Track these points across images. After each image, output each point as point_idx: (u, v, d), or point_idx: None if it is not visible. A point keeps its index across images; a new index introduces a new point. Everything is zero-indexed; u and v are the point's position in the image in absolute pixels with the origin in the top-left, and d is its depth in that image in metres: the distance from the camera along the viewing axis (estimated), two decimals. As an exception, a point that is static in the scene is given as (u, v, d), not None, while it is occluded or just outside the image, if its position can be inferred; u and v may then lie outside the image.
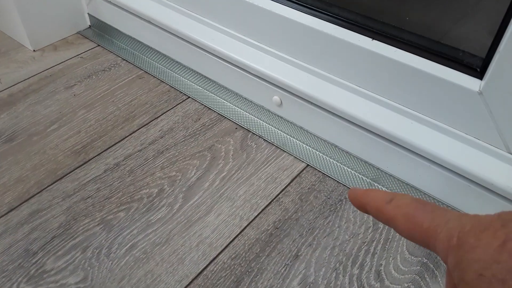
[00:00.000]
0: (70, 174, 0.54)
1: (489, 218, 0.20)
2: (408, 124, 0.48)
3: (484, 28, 0.42)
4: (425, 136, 0.46)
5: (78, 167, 0.55)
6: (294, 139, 0.59)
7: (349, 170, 0.55)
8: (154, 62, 0.71)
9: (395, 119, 0.48)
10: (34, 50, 0.75)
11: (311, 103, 0.54)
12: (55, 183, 0.53)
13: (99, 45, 0.76)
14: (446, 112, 0.45)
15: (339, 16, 0.50)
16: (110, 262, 0.45)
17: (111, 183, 0.53)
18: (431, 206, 0.22)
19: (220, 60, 0.61)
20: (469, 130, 0.44)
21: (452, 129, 0.45)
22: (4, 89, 0.67)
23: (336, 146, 0.55)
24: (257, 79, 0.58)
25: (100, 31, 0.79)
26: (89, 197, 0.51)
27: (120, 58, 0.73)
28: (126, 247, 0.46)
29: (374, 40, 0.47)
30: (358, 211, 0.50)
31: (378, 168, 0.53)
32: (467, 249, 0.19)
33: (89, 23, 0.80)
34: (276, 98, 0.58)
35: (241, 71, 0.60)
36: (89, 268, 0.45)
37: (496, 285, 0.17)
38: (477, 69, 0.42)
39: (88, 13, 0.79)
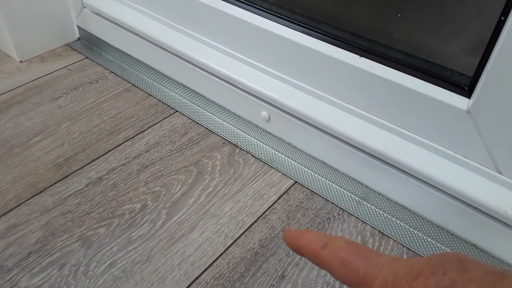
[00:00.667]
0: (51, 187, 0.52)
1: (420, 264, 0.20)
2: (396, 142, 0.47)
3: (472, 47, 0.42)
4: (414, 154, 0.46)
5: (59, 181, 0.53)
6: (282, 155, 0.58)
7: (337, 187, 0.54)
8: (142, 75, 0.71)
9: (384, 136, 0.48)
10: (20, 61, 0.74)
11: (299, 119, 0.53)
12: (35, 197, 0.51)
13: (87, 57, 0.75)
14: (434, 130, 0.44)
15: (327, 33, 0.50)
16: (88, 280, 0.43)
17: (92, 197, 0.51)
18: (365, 250, 0.23)
19: (208, 75, 0.61)
20: (458, 149, 0.44)
21: (441, 148, 0.45)
22: (-13, 100, 0.65)
23: (324, 163, 0.54)
24: (246, 94, 0.58)
25: (88, 43, 0.78)
26: (68, 212, 0.50)
27: (108, 71, 0.72)
28: (105, 265, 0.45)
29: (362, 58, 0.47)
30: (347, 230, 0.49)
31: (366, 186, 0.52)
32: None
33: (78, 35, 0.79)
34: (264, 113, 0.57)
35: (229, 85, 0.59)
36: (65, 286, 0.43)
37: None
38: (465, 87, 0.42)
39: (77, 25, 0.78)
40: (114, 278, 0.44)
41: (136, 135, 0.60)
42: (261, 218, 0.50)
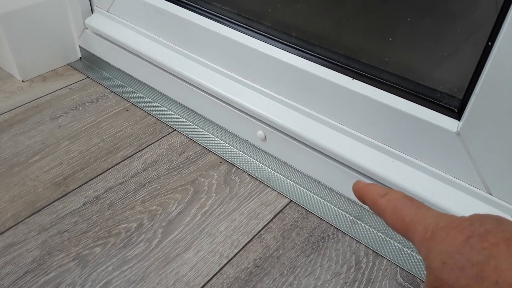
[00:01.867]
0: (49, 206, 0.53)
1: (461, 218, 0.22)
2: (389, 162, 0.48)
3: (461, 70, 0.43)
4: (406, 174, 0.46)
5: (57, 200, 0.54)
6: (278, 174, 0.58)
7: (332, 206, 0.54)
8: (141, 95, 0.72)
9: (376, 157, 0.48)
10: (23, 81, 0.75)
11: (295, 139, 0.54)
12: (32, 216, 0.52)
13: (88, 77, 0.77)
14: (426, 151, 0.45)
15: (321, 55, 0.51)
16: (83, 300, 0.44)
17: (89, 216, 0.52)
18: (417, 204, 0.25)
19: (206, 95, 0.62)
20: (449, 170, 0.44)
21: (432, 169, 0.45)
22: (-11, 119, 0.67)
23: (319, 182, 0.55)
24: (242, 114, 0.59)
25: (90, 63, 0.80)
26: (65, 231, 0.50)
27: (108, 90, 0.73)
28: (100, 285, 0.45)
29: (354, 80, 0.48)
30: (341, 249, 0.50)
31: (361, 206, 0.52)
32: (437, 241, 0.22)
33: (79, 55, 0.81)
34: (260, 133, 0.58)
35: (226, 105, 0.60)
36: (60, 306, 0.43)
37: (457, 272, 0.19)
38: (455, 109, 0.42)
39: (79, 46, 0.80)
40: (108, 297, 0.44)
41: (134, 154, 0.61)
42: (256, 237, 0.51)
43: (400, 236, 0.50)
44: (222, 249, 0.49)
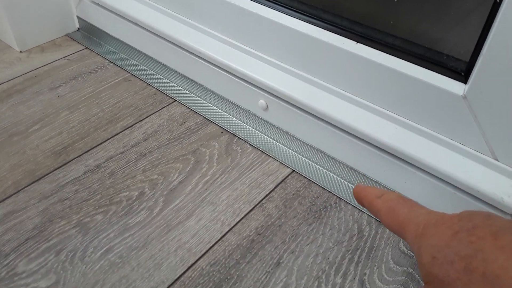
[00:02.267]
0: (49, 175, 0.53)
1: (451, 215, 0.23)
2: (393, 129, 0.47)
3: (468, 31, 0.41)
4: (410, 141, 0.46)
5: (57, 168, 0.54)
6: (280, 144, 0.58)
7: (334, 176, 0.54)
8: (141, 65, 0.71)
9: (380, 124, 0.47)
10: (20, 51, 0.74)
11: (296, 107, 0.53)
12: (33, 184, 0.52)
13: (87, 48, 0.75)
14: (431, 117, 0.44)
15: (324, 19, 0.49)
16: (84, 266, 0.44)
17: (90, 185, 0.52)
18: (410, 203, 0.27)
19: (206, 64, 0.61)
20: (454, 135, 0.43)
21: (437, 135, 0.44)
22: (-12, 89, 0.66)
23: (321, 152, 0.54)
24: (243, 83, 0.57)
25: (88, 34, 0.78)
26: (66, 199, 0.50)
27: (107, 61, 0.72)
28: (101, 251, 0.45)
29: (358, 44, 0.47)
30: (343, 218, 0.49)
31: (364, 175, 0.52)
32: (427, 237, 0.23)
33: (78, 26, 0.80)
34: (262, 102, 0.57)
35: (227, 74, 0.59)
36: (61, 271, 0.43)
37: (446, 265, 0.20)
38: (462, 73, 0.41)
39: (77, 16, 0.78)
40: (110, 263, 0.44)
41: (135, 124, 0.61)
42: (257, 206, 0.51)
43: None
44: (223, 217, 0.49)
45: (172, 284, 0.43)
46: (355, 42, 0.47)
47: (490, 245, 0.19)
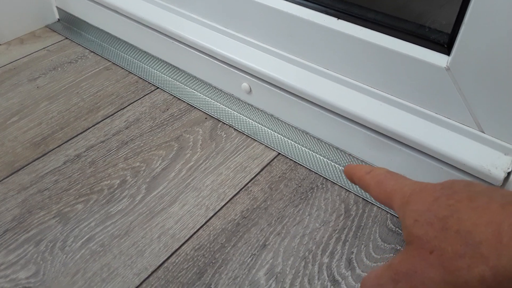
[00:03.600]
0: (28, 166, 0.51)
1: (434, 184, 0.24)
2: (377, 106, 0.46)
3: (449, 3, 0.40)
4: (395, 118, 0.45)
5: (36, 159, 0.52)
6: (265, 128, 0.57)
7: (321, 157, 0.53)
8: (122, 53, 0.69)
9: (364, 101, 0.47)
10: (-1, 44, 0.72)
11: (280, 89, 0.52)
12: (11, 176, 0.50)
13: (67, 38, 0.74)
14: (415, 91, 0.43)
15: (305, -4, 0.48)
16: (65, 255, 0.42)
17: (70, 174, 0.50)
18: (397, 176, 0.28)
19: (188, 48, 0.59)
20: (439, 109, 0.43)
21: (422, 109, 0.44)
22: (-36, 83, 0.64)
23: (307, 133, 0.53)
24: (225, 66, 0.56)
25: (68, 24, 0.77)
26: (46, 189, 0.49)
27: (88, 50, 0.71)
28: (82, 240, 0.44)
29: (339, 20, 0.46)
30: (330, 198, 0.48)
31: (350, 154, 0.51)
32: (411, 204, 0.24)
33: (57, 17, 0.78)
34: (245, 85, 0.56)
35: (209, 58, 0.58)
36: (41, 262, 0.42)
37: (426, 226, 0.22)
38: (444, 45, 0.40)
39: (56, 6, 0.76)
40: (91, 252, 0.43)
41: (116, 112, 0.59)
42: (243, 190, 0.50)
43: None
44: (208, 202, 0.48)
45: (155, 270, 0.42)
46: (336, 19, 0.46)
47: (465, 206, 0.21)
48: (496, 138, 0.40)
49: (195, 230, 0.45)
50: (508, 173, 0.39)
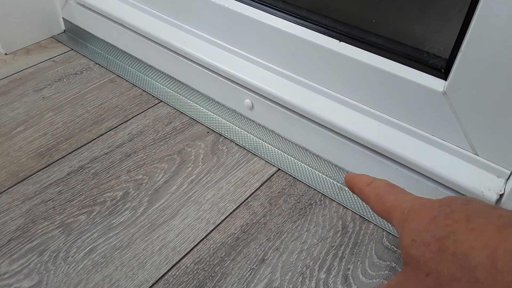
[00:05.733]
0: (32, 176, 0.52)
1: (433, 201, 0.24)
2: (375, 126, 0.47)
3: (448, 29, 0.42)
4: (392, 138, 0.46)
5: (41, 170, 0.53)
6: (266, 143, 0.58)
7: (319, 174, 0.54)
8: (127, 66, 0.71)
9: (363, 121, 0.48)
10: (6, 54, 0.74)
11: (281, 106, 0.53)
12: (16, 185, 0.51)
13: (72, 49, 0.75)
14: (412, 114, 0.45)
15: (307, 18, 0.50)
16: (67, 266, 0.43)
17: (74, 185, 0.51)
18: (397, 190, 0.28)
19: (192, 63, 0.61)
20: (435, 131, 0.44)
21: (418, 131, 0.45)
22: (-29, 91, 0.65)
23: (306, 150, 0.55)
24: (229, 82, 0.58)
25: (74, 36, 0.78)
26: (49, 200, 0.50)
27: (93, 62, 0.72)
28: (84, 251, 0.45)
29: (341, 42, 0.47)
30: (328, 215, 0.49)
31: (348, 172, 0.52)
32: (409, 222, 0.24)
33: (63, 28, 0.79)
34: (247, 101, 0.57)
35: (213, 74, 0.59)
36: (44, 272, 0.43)
37: (423, 247, 0.21)
38: (442, 70, 0.42)
39: (62, 18, 0.78)
40: (93, 263, 0.44)
41: (120, 124, 0.60)
42: (243, 204, 0.51)
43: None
44: (208, 216, 0.49)
45: (156, 282, 0.42)
46: (338, 41, 0.48)
47: (462, 227, 0.20)
48: (490, 161, 0.42)
49: (196, 243, 0.46)
50: (501, 195, 0.41)
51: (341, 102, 0.50)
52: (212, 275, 0.43)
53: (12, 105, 0.63)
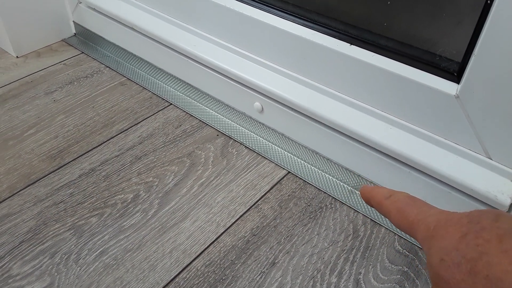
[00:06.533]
0: (44, 178, 0.53)
1: (460, 215, 0.23)
2: (387, 129, 0.47)
3: (460, 32, 0.42)
4: (404, 142, 0.46)
5: (52, 172, 0.54)
6: (275, 146, 0.58)
7: (330, 177, 0.54)
8: (137, 69, 0.71)
9: (374, 124, 0.48)
10: (17, 57, 0.74)
11: (291, 109, 0.53)
12: (28, 188, 0.52)
13: (83, 52, 0.76)
14: (424, 117, 0.44)
15: (318, 22, 0.50)
16: (79, 268, 0.43)
17: (85, 188, 0.52)
18: (420, 203, 0.27)
19: (202, 67, 0.61)
20: (447, 135, 0.44)
21: (431, 134, 0.45)
22: (-17, 94, 0.66)
23: (316, 153, 0.55)
24: (239, 85, 0.58)
25: (84, 39, 0.79)
26: (61, 202, 0.50)
27: (103, 65, 0.73)
28: (96, 253, 0.45)
29: (352, 45, 0.47)
30: (339, 218, 0.49)
31: (358, 175, 0.52)
32: (437, 238, 0.23)
33: (74, 31, 0.80)
34: (257, 104, 0.57)
35: (222, 77, 0.59)
36: (56, 273, 0.43)
37: (453, 268, 0.20)
38: (454, 73, 0.42)
39: (73, 21, 0.79)
40: (105, 265, 0.44)
41: (130, 127, 0.61)
42: (253, 207, 0.51)
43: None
44: (219, 218, 0.49)
45: (166, 285, 0.42)
46: (349, 44, 0.47)
47: (495, 248, 0.20)
48: (503, 164, 0.41)
49: (206, 246, 0.46)
50: (515, 200, 0.40)
51: (352, 105, 0.50)
52: (223, 278, 0.43)
53: (24, 107, 0.63)
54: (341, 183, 0.53)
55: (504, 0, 0.34)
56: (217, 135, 0.60)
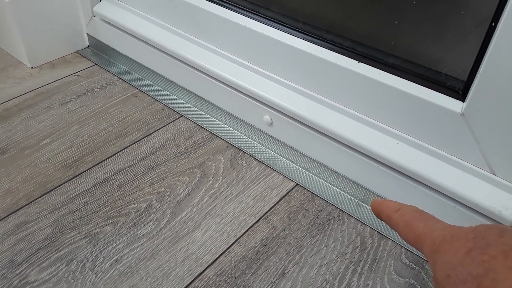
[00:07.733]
0: (60, 187, 0.54)
1: (466, 230, 0.24)
2: (394, 144, 0.49)
3: (465, 52, 0.43)
4: (411, 156, 0.47)
5: (67, 181, 0.55)
6: (284, 159, 0.59)
7: (337, 190, 0.55)
8: (149, 82, 0.73)
9: (381, 139, 0.49)
10: (32, 67, 0.76)
11: (301, 123, 0.55)
12: (44, 196, 0.53)
13: (96, 64, 0.78)
14: (430, 133, 0.46)
15: (327, 39, 0.52)
16: (94, 275, 0.45)
17: (99, 197, 0.53)
18: (427, 217, 0.27)
19: (213, 80, 0.63)
20: (453, 151, 0.45)
21: (436, 150, 0.46)
22: (0, 104, 0.68)
23: (325, 166, 0.56)
24: (249, 99, 0.59)
25: (98, 51, 0.81)
26: (76, 211, 0.51)
27: (116, 77, 0.74)
28: (111, 261, 0.46)
29: (360, 63, 0.49)
30: (346, 230, 0.51)
31: (366, 189, 0.53)
32: (442, 253, 0.23)
33: (87, 43, 0.82)
34: (266, 117, 0.59)
35: (233, 90, 0.61)
36: (72, 280, 0.44)
37: (459, 284, 0.21)
38: (459, 91, 0.43)
39: (87, 33, 0.81)
40: (119, 273, 0.45)
41: (143, 138, 0.62)
42: (262, 218, 0.52)
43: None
44: (229, 229, 0.50)
45: (180, 293, 0.44)
46: (357, 62, 0.49)
47: (500, 265, 0.20)
48: (507, 180, 0.43)
49: (217, 255, 0.47)
50: (519, 215, 0.41)
51: (360, 120, 0.51)
52: (234, 287, 0.44)
53: (39, 117, 0.65)
54: (349, 196, 0.54)
55: (508, 24, 0.36)
56: (227, 146, 0.62)
